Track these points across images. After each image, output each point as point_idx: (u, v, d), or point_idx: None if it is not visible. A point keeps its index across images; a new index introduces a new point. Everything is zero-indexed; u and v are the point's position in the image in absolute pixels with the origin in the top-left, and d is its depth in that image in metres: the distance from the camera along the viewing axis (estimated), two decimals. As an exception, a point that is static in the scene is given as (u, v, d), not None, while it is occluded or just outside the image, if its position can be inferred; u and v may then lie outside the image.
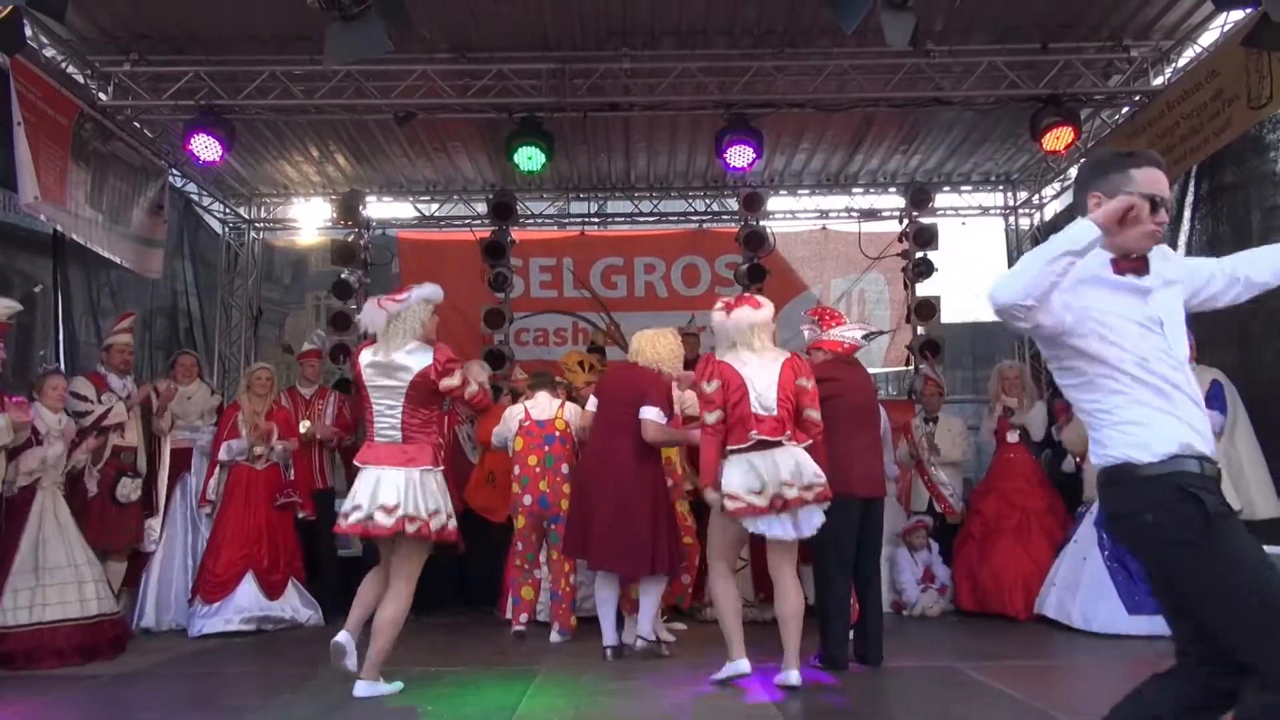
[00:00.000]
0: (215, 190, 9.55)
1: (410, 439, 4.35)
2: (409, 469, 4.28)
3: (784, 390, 4.52)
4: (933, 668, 4.98)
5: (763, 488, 4.32)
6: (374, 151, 8.85)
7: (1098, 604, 5.74)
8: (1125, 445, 2.27)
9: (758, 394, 4.49)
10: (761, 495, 4.31)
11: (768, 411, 4.48)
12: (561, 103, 7.20)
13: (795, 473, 4.37)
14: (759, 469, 4.36)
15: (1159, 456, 2.24)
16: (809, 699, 4.24)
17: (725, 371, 4.54)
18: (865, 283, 10.06)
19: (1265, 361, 6.00)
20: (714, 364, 4.61)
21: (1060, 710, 3.90)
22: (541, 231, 10.31)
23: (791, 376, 4.58)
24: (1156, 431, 2.26)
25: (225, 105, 7.13)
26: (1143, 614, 5.53)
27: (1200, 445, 2.26)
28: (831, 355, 5.07)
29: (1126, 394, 2.29)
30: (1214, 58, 6.54)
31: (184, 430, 6.76)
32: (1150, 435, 2.26)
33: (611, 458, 5.16)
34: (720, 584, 4.57)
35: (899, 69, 7.05)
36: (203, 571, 6.26)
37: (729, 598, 4.53)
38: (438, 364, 4.32)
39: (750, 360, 4.58)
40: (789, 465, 4.38)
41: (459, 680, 4.62)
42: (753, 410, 4.46)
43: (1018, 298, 2.22)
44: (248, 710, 4.09)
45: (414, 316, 4.41)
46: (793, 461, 4.40)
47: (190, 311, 9.19)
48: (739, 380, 4.52)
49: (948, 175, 9.74)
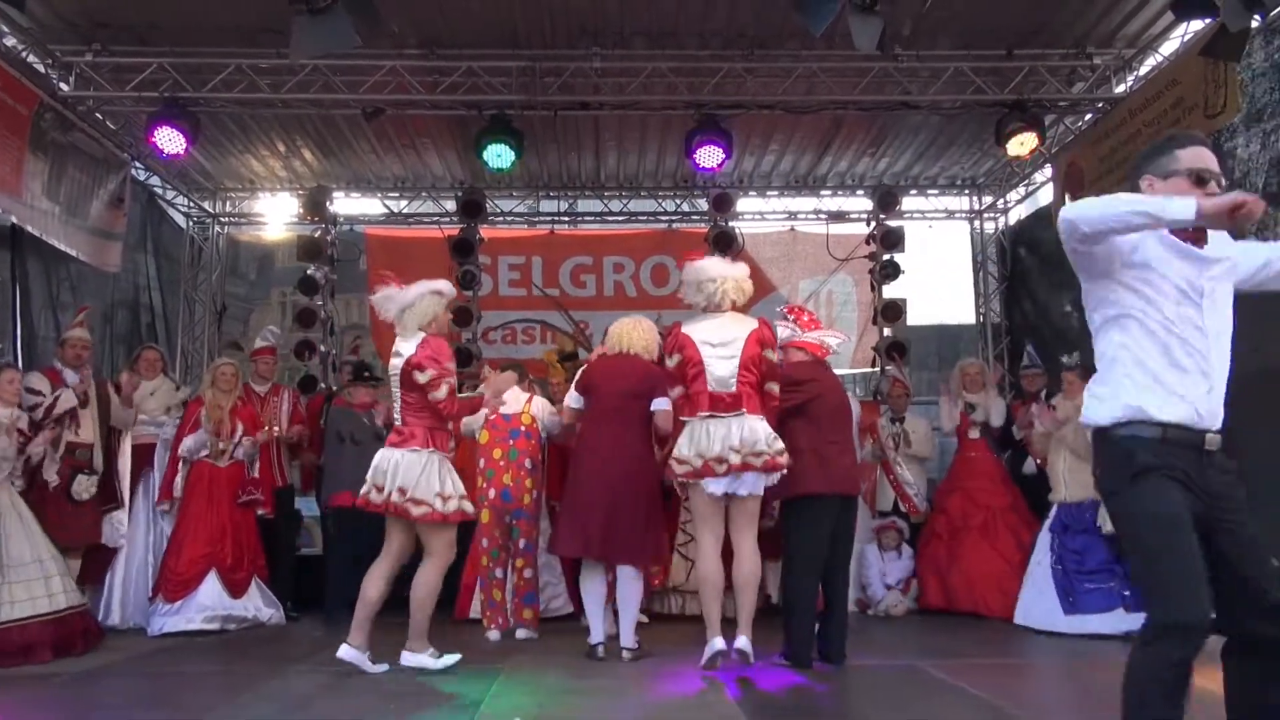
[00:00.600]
0: (179, 184, 9.43)
1: (406, 422, 4.70)
2: (402, 449, 4.64)
3: (746, 364, 4.61)
4: (895, 666, 5.03)
5: (705, 450, 4.46)
6: (341, 147, 8.79)
7: (1038, 602, 5.93)
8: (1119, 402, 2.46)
9: (715, 372, 4.61)
10: (701, 457, 4.47)
11: (724, 388, 4.60)
12: (531, 101, 7.19)
13: (746, 440, 4.49)
14: (709, 433, 4.51)
15: (1112, 419, 2.45)
16: (770, 697, 4.27)
17: (686, 346, 4.65)
18: (833, 284, 10.14)
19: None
20: (678, 336, 4.69)
21: (1019, 707, 3.96)
22: (511, 230, 10.28)
23: (758, 350, 4.67)
24: (1134, 394, 2.43)
25: (190, 98, 7.04)
26: (1078, 614, 5.73)
27: (1182, 417, 2.40)
28: (809, 357, 5.13)
29: (1136, 348, 2.46)
30: (1174, 67, 6.66)
31: (148, 426, 6.66)
32: (1125, 397, 2.44)
33: (616, 451, 5.03)
34: (701, 561, 4.65)
35: (867, 73, 7.11)
36: (164, 569, 6.17)
37: (709, 575, 4.60)
38: (415, 356, 4.59)
39: (715, 330, 4.67)
40: (740, 432, 4.50)
41: (422, 679, 4.60)
42: (708, 388, 4.59)
43: (1083, 224, 2.39)
44: (208, 709, 4.04)
45: (425, 308, 4.67)
46: (745, 429, 4.52)
47: (153, 306, 9.07)
48: (697, 357, 4.64)
49: (915, 179, 9.84)
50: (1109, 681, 4.85)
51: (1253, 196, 2.29)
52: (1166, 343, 2.43)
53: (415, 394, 4.66)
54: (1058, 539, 6.03)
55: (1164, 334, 2.43)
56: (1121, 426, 2.43)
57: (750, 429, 4.53)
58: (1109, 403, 2.47)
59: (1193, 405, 2.41)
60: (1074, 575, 5.84)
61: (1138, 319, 2.46)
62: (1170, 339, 2.43)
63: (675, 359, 4.71)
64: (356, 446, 6.72)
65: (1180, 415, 2.39)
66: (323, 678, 4.75)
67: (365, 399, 6.98)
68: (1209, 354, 2.46)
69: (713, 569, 4.65)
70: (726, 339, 4.69)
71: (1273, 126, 5.73)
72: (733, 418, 4.56)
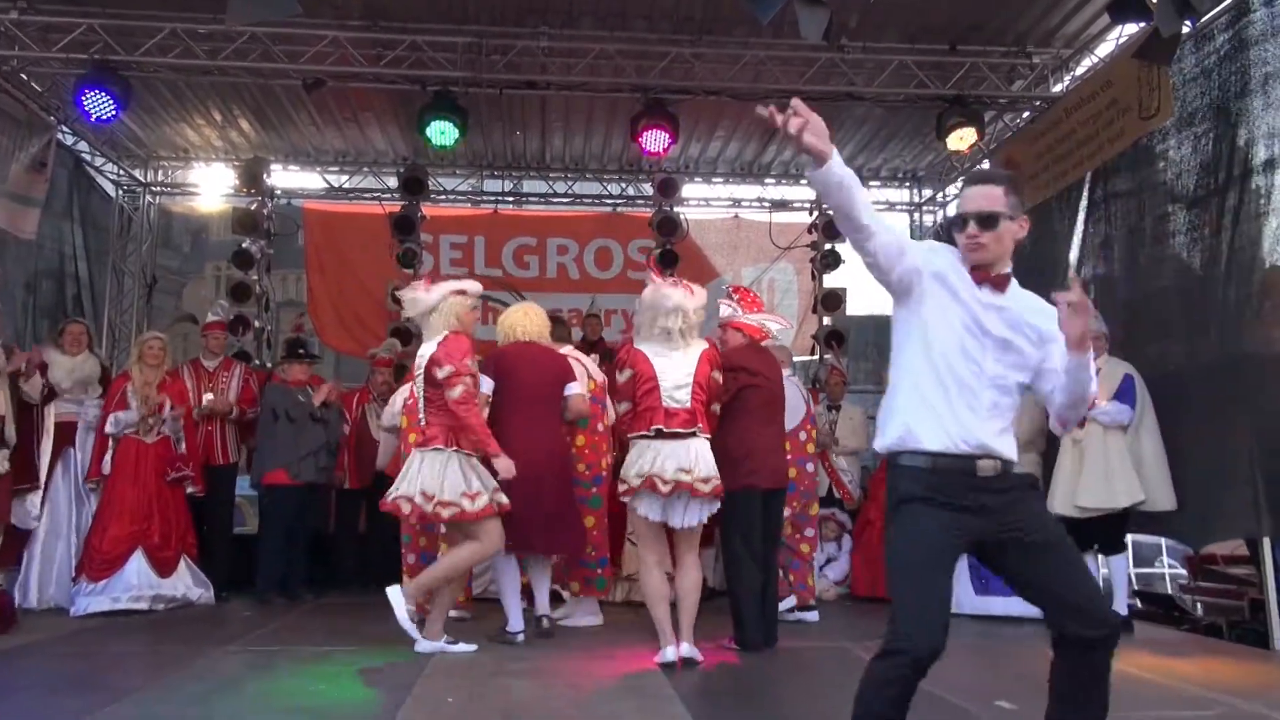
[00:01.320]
0: (109, 151, 9.11)
1: (429, 421, 4.72)
2: (424, 450, 4.67)
3: (698, 383, 4.59)
4: (825, 648, 5.12)
5: (650, 470, 4.39)
6: (280, 118, 8.59)
7: (955, 585, 6.04)
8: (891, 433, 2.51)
9: (669, 388, 4.54)
10: (641, 476, 4.40)
11: (680, 405, 4.54)
12: (477, 78, 7.10)
13: (694, 463, 4.44)
14: (659, 452, 4.43)
15: (885, 448, 2.50)
16: (702, 678, 4.32)
17: (639, 362, 4.57)
18: (775, 272, 10.23)
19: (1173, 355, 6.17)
20: (630, 352, 4.63)
21: (940, 688, 4.05)
22: (453, 208, 10.17)
23: (708, 370, 4.66)
24: (904, 422, 2.46)
25: (121, 61, 6.81)
26: (986, 596, 5.91)
27: (949, 445, 2.41)
28: (746, 339, 5.12)
29: (914, 378, 2.47)
30: (1109, 68, 6.84)
31: (69, 403, 6.43)
32: (899, 424, 2.47)
33: (539, 440, 5.04)
34: (646, 574, 4.58)
35: (813, 63, 7.17)
36: (88, 548, 6.01)
37: (654, 587, 4.55)
38: (435, 353, 4.66)
39: (668, 350, 4.60)
40: (689, 456, 4.45)
41: (354, 661, 4.55)
42: (663, 404, 4.52)
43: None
44: (131, 690, 3.95)
45: (448, 310, 4.75)
46: (694, 453, 4.48)
47: (79, 277, 8.75)
48: (650, 372, 4.55)
49: (857, 170, 9.70)
50: (1022, 661, 5.03)
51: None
52: (936, 374, 2.44)
53: (437, 392, 4.66)
54: None
55: (940, 367, 2.44)
56: (894, 454, 2.48)
57: (698, 453, 4.49)
58: (887, 427, 2.51)
59: (960, 434, 2.41)
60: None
61: (916, 347, 2.47)
62: (943, 373, 2.43)
63: (626, 374, 4.59)
64: (292, 424, 6.62)
65: (945, 444, 2.41)
66: (251, 658, 4.68)
67: (300, 376, 6.86)
68: (990, 392, 2.45)
69: (657, 583, 4.58)
70: (679, 358, 4.61)
71: (1202, 130, 5.91)
72: (687, 438, 4.49)
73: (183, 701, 3.79)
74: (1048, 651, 2.53)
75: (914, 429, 2.44)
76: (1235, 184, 5.57)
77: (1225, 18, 5.70)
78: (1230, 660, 5.04)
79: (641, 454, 4.49)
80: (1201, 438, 5.63)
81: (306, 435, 6.67)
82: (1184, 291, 6.00)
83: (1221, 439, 5.50)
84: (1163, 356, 6.09)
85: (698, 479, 4.42)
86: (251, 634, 5.37)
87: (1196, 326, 5.83)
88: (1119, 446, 5.58)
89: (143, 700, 3.82)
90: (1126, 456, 5.55)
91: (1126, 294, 6.53)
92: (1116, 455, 5.56)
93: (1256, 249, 5.40)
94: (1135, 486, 5.51)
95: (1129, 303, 6.45)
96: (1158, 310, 6.22)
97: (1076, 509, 5.64)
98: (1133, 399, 5.61)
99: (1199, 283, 5.84)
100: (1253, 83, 5.47)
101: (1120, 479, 5.52)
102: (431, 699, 3.84)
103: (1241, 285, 5.48)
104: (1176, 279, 6.08)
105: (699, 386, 4.58)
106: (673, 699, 3.86)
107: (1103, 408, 5.60)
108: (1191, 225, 5.98)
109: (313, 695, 3.94)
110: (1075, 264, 7.14)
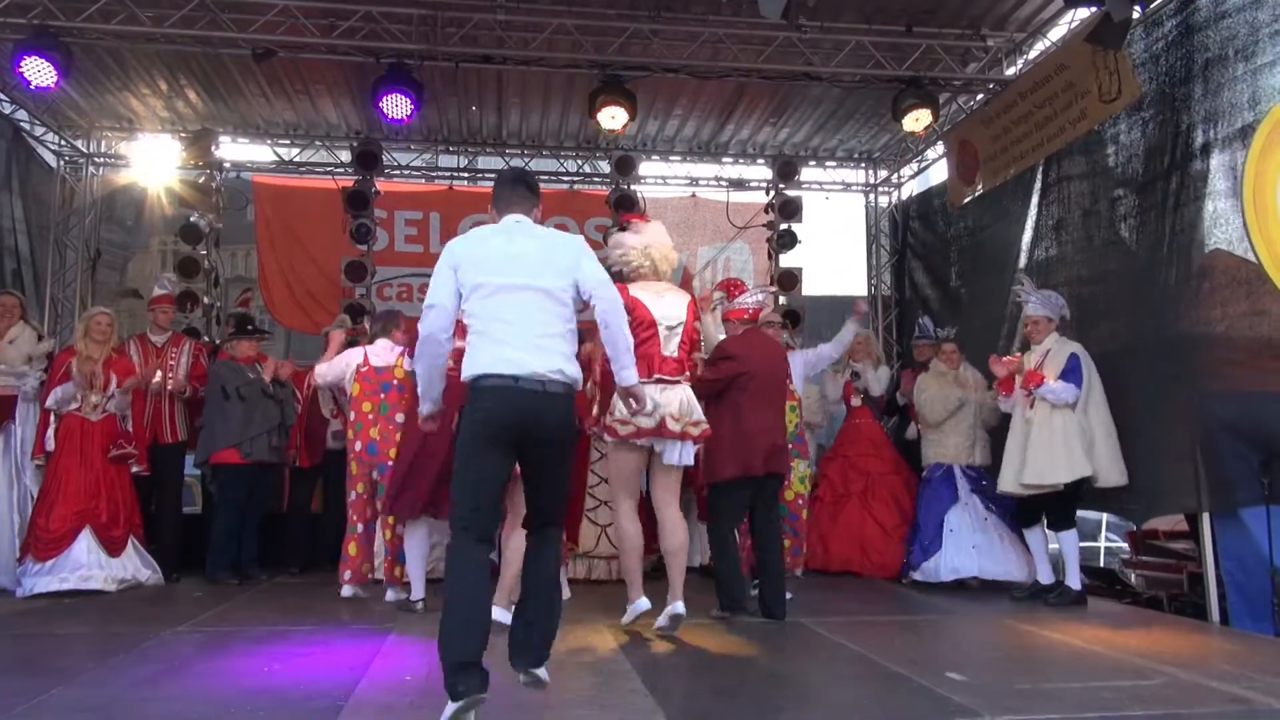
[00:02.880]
0: (49, 120, 8.83)
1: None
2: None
3: (687, 331, 4.72)
4: (779, 623, 5.18)
5: (653, 409, 4.47)
6: (229, 89, 8.38)
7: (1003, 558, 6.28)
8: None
9: (665, 335, 4.64)
10: (650, 417, 4.48)
11: (670, 353, 4.64)
12: (432, 50, 6.99)
13: (684, 409, 4.59)
14: (654, 400, 4.49)
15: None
16: (655, 650, 4.36)
17: (638, 309, 4.60)
18: (731, 251, 10.26)
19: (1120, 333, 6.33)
20: (628, 297, 4.54)
21: (888, 659, 4.14)
22: (408, 184, 10.03)
23: (694, 318, 4.80)
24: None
25: (62, 27, 6.61)
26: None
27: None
28: (739, 324, 5.26)
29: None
30: (1061, 53, 6.93)
31: (6, 377, 6.28)
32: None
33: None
34: (624, 523, 4.67)
35: (771, 41, 7.17)
36: (33, 528, 5.89)
37: (632, 537, 4.66)
38: None
39: (659, 296, 4.69)
40: (678, 401, 4.59)
41: (308, 640, 4.52)
42: (661, 351, 4.61)
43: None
44: (80, 672, 3.88)
45: None
46: (683, 398, 4.62)
47: (18, 250, 8.45)
48: (650, 319, 4.62)
49: (814, 150, 9.99)
50: (967, 633, 5.14)
51: None
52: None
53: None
54: (983, 498, 6.39)
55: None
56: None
57: (686, 399, 4.64)
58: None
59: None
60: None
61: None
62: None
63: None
64: (243, 402, 6.52)
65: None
66: (202, 638, 4.63)
67: (249, 353, 6.75)
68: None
69: (633, 530, 4.70)
70: (669, 307, 4.73)
71: (1150, 115, 6.02)
72: (677, 385, 4.64)
73: (133, 683, 3.73)
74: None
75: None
76: (1177, 168, 5.70)
77: (1174, 3, 5.81)
78: (1170, 632, 5.19)
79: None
80: (1146, 416, 5.77)
81: (259, 413, 6.56)
82: (1130, 273, 6.14)
83: (1164, 417, 5.64)
84: (1111, 336, 6.23)
85: (688, 423, 4.59)
86: (203, 614, 5.30)
87: (1141, 307, 5.97)
88: (1065, 424, 5.70)
89: (92, 682, 3.75)
90: (1074, 434, 5.68)
91: (1077, 275, 6.66)
92: (1061, 433, 5.69)
93: (1195, 232, 5.53)
94: (1079, 463, 5.64)
95: (1079, 284, 6.57)
96: (1106, 291, 6.36)
97: (1021, 486, 5.79)
98: (1078, 378, 5.73)
99: (1144, 265, 5.97)
100: (1195, 68, 5.59)
101: (1063, 456, 5.65)
102: (388, 677, 3.83)
103: (1182, 267, 5.62)
104: (1123, 261, 6.22)
105: (687, 336, 4.72)
106: (630, 674, 3.89)
107: (1049, 386, 5.72)
108: (1139, 209, 6.11)
109: (266, 675, 3.90)
110: (1028, 246, 7.26)
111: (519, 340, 3.15)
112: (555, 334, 3.24)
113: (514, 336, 3.15)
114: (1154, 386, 5.75)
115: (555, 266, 3.30)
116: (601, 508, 6.45)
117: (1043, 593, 5.82)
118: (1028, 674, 4.00)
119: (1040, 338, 6.00)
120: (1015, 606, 5.73)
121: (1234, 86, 5.34)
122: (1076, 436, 5.68)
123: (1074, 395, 5.71)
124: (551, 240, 3.44)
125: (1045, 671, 4.06)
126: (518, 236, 3.37)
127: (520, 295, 3.21)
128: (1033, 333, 6.07)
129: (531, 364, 3.14)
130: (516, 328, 3.16)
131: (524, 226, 3.42)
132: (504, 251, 3.29)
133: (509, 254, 3.28)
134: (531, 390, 3.12)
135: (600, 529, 6.42)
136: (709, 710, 3.56)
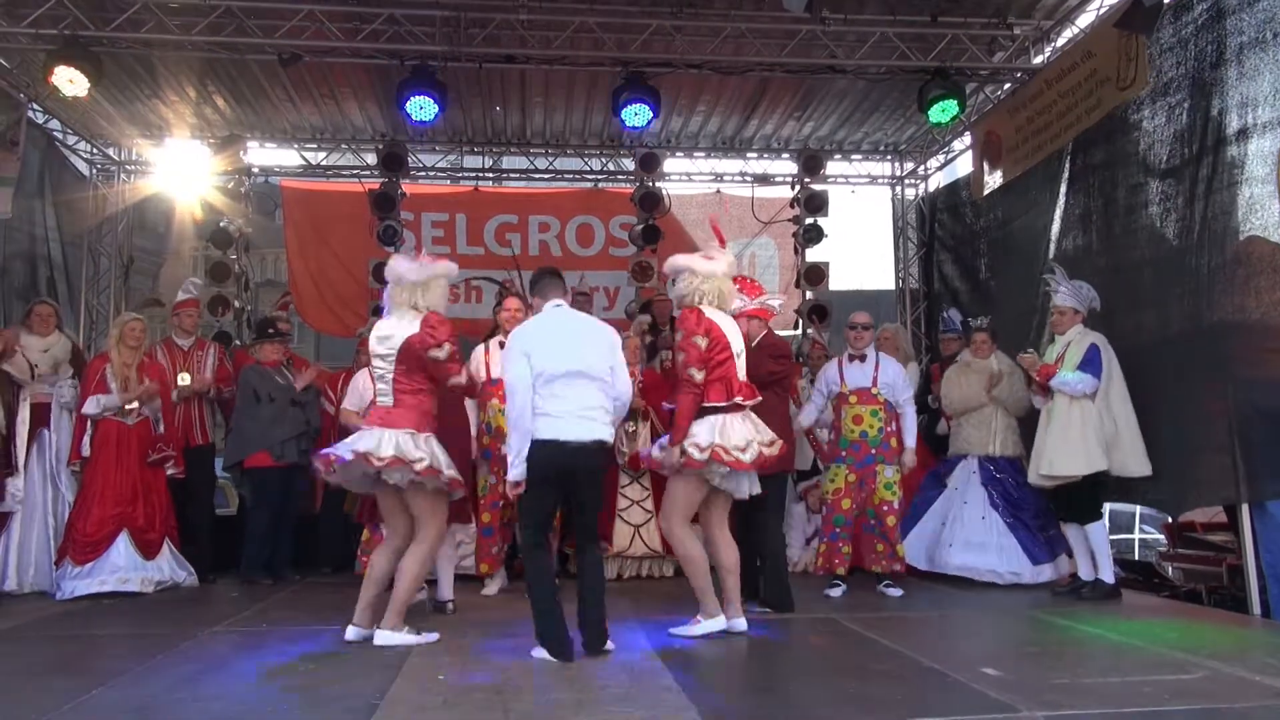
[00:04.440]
0: (81, 129, 8.96)
1: (399, 402, 4.43)
2: (390, 429, 4.36)
3: (746, 355, 4.71)
4: (813, 619, 5.16)
5: (747, 444, 4.45)
6: (256, 95, 8.47)
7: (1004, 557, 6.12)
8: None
9: (738, 356, 4.61)
10: (746, 451, 4.45)
11: (741, 376, 4.60)
12: (456, 52, 7.02)
13: (761, 432, 4.57)
14: (739, 426, 4.49)
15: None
16: (689, 650, 4.35)
17: (714, 330, 4.55)
18: (756, 247, 10.23)
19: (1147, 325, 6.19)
20: (705, 320, 4.53)
21: (923, 654, 4.11)
22: (433, 185, 10.08)
23: (748, 342, 4.79)
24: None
25: (92, 37, 6.70)
26: (1043, 563, 6.09)
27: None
28: (761, 323, 5.28)
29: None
30: (1089, 39, 6.83)
31: (42, 385, 6.35)
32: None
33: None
34: (690, 548, 4.61)
35: (795, 34, 7.13)
36: (71, 531, 5.97)
37: (698, 560, 4.59)
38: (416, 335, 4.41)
39: (725, 321, 4.66)
40: (755, 426, 4.57)
41: (342, 639, 4.54)
42: (737, 375, 4.57)
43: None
44: (120, 672, 3.93)
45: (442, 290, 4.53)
46: (754, 423, 4.59)
47: (51, 258, 8.59)
48: (725, 341, 4.57)
49: (839, 143, 9.93)
50: (1003, 629, 5.08)
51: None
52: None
53: (414, 374, 4.39)
54: (992, 492, 6.26)
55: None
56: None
57: (755, 423, 4.60)
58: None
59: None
60: (1032, 527, 6.15)
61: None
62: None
63: (704, 340, 4.49)
64: (272, 403, 6.57)
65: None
66: (238, 638, 4.68)
67: (274, 356, 6.80)
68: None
69: (698, 552, 4.62)
70: (733, 330, 4.68)
71: (1177, 100, 5.92)
72: (744, 413, 4.58)
73: (172, 683, 3.78)
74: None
75: None
76: (1209, 154, 5.60)
77: (1204, -13, 5.71)
78: (1210, 625, 5.12)
79: (725, 427, 4.46)
80: (1178, 406, 5.69)
81: (287, 418, 6.62)
82: (1159, 261, 6.04)
83: (1198, 407, 5.56)
84: (1139, 326, 6.14)
85: (763, 444, 4.56)
86: (239, 614, 5.37)
87: (1172, 296, 5.88)
88: (1084, 416, 5.63)
89: (131, 682, 3.80)
90: (1092, 425, 5.60)
91: (1105, 264, 6.57)
92: (1079, 425, 5.62)
93: (1229, 218, 5.43)
94: (1096, 455, 5.57)
95: (1110, 273, 6.48)
96: (1134, 280, 6.26)
97: (1042, 478, 5.74)
98: (1097, 368, 5.66)
99: (1174, 252, 5.88)
100: (1228, 52, 5.48)
101: (1080, 448, 5.58)
102: (422, 676, 3.85)
103: (1215, 254, 5.52)
104: (1154, 248, 6.12)
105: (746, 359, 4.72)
106: (661, 671, 3.88)
107: (1062, 377, 5.66)
108: (1165, 195, 6.02)
109: (301, 674, 3.94)
110: (1057, 236, 7.17)
111: (569, 414, 4.20)
112: (596, 406, 4.27)
113: (565, 411, 4.20)
114: (1188, 376, 5.66)
115: (598, 351, 4.33)
116: (634, 507, 6.46)
117: (1082, 588, 5.73)
118: (1065, 668, 3.96)
119: (1065, 329, 5.92)
120: (1050, 600, 5.66)
121: (1273, 70, 5.22)
122: (1095, 428, 5.60)
123: (1091, 386, 5.63)
124: (591, 330, 4.46)
125: (1083, 666, 4.01)
126: (567, 325, 4.40)
127: (574, 380, 4.23)
128: (1058, 324, 5.99)
129: (576, 432, 4.20)
130: (569, 403, 4.21)
131: (563, 311, 4.46)
132: (558, 342, 4.28)
133: (562, 344, 4.28)
134: (574, 449, 4.20)
135: (634, 529, 6.43)
136: (742, 707, 3.55)
